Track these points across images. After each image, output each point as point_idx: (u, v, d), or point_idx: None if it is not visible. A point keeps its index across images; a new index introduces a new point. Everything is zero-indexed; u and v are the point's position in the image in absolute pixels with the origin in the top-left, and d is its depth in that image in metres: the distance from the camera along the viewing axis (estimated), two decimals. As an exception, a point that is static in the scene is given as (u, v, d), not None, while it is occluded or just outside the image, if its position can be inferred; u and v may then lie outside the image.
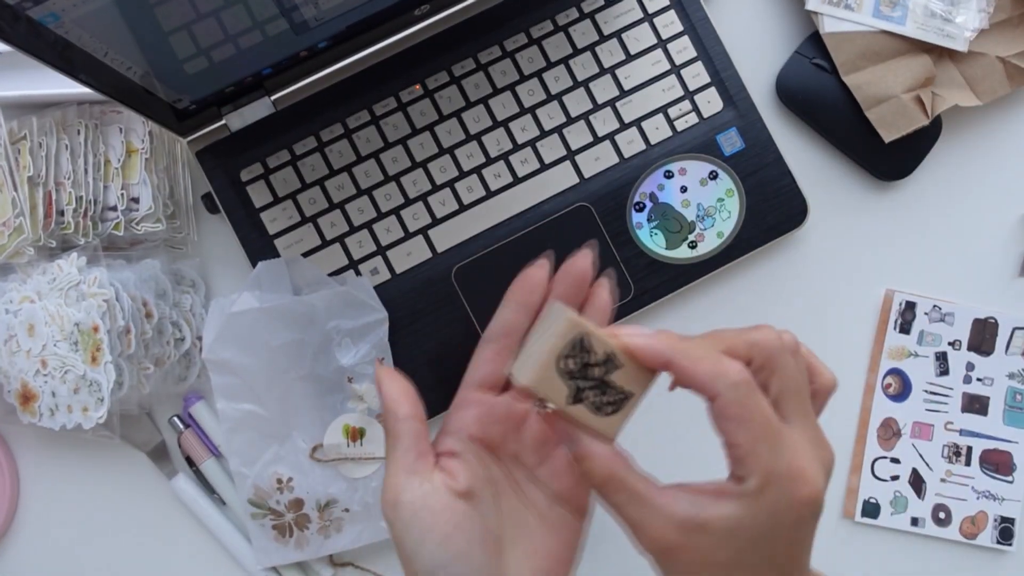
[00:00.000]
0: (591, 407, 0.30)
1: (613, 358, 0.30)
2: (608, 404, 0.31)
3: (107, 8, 0.35)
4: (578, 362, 0.30)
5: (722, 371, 0.28)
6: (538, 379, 0.30)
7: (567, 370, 0.30)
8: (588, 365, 0.30)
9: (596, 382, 0.30)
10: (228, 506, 0.51)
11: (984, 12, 0.51)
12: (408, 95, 0.51)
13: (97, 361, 0.45)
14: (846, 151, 0.53)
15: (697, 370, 0.28)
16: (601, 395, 0.30)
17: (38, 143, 0.48)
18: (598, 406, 0.31)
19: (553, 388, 0.30)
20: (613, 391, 0.30)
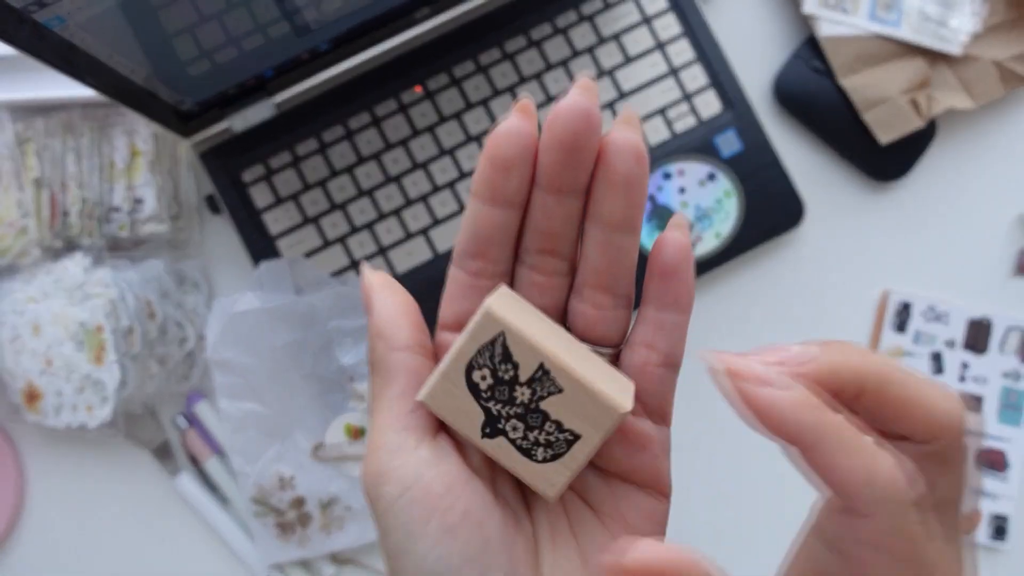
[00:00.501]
0: (515, 447, 0.21)
1: (546, 378, 0.21)
2: (540, 446, 0.21)
3: (112, 12, 0.35)
4: (493, 376, 0.21)
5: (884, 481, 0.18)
6: (436, 396, 0.21)
7: (477, 387, 0.21)
8: (509, 383, 0.21)
9: (522, 410, 0.21)
10: (231, 504, 0.51)
11: (978, 16, 0.52)
12: (409, 97, 0.51)
13: (101, 360, 0.45)
14: (843, 153, 0.53)
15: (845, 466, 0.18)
16: (528, 430, 0.21)
17: (44, 145, 0.48)
18: (526, 447, 0.21)
19: (460, 411, 0.21)
20: (549, 426, 0.21)
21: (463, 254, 0.22)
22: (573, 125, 0.20)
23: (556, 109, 0.20)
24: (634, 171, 0.21)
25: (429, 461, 0.21)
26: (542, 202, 0.21)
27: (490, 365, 0.21)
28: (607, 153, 0.21)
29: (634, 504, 0.22)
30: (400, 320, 0.22)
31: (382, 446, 0.21)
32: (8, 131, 0.48)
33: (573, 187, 0.21)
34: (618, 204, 0.21)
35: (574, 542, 0.22)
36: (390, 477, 0.21)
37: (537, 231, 0.22)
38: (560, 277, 0.23)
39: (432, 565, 0.20)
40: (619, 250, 0.22)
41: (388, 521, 0.21)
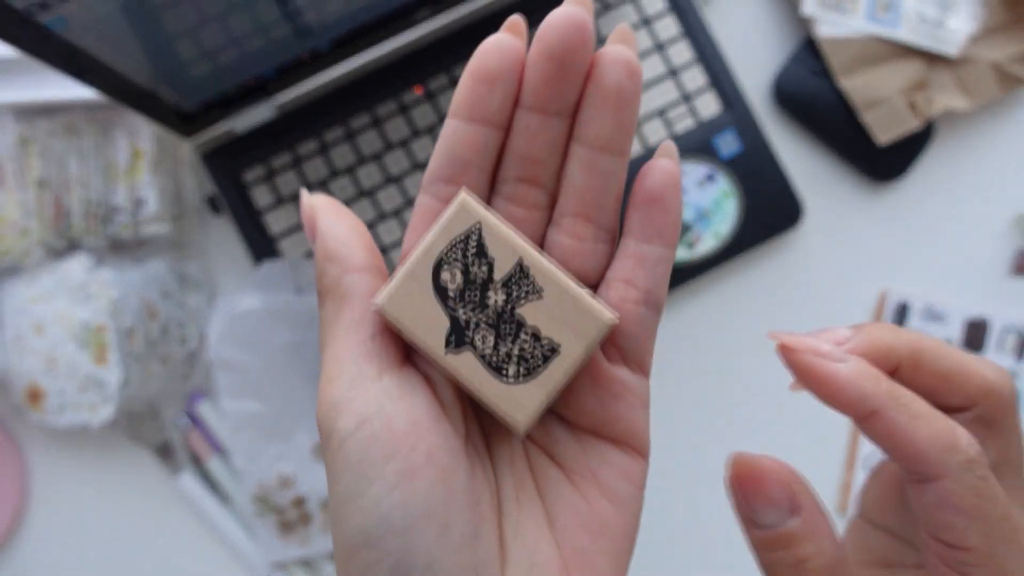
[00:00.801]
0: (484, 362, 0.18)
1: (525, 278, 0.18)
2: (512, 361, 0.18)
3: (114, 13, 0.35)
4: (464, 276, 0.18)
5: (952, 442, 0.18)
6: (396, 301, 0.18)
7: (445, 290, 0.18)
8: (482, 285, 0.18)
9: (494, 317, 0.18)
10: (232, 503, 0.52)
11: (976, 17, 0.52)
12: (409, 97, 0.51)
13: (104, 360, 0.46)
14: (841, 153, 0.54)
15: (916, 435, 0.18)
16: (500, 341, 0.18)
17: (46, 146, 0.48)
18: (496, 363, 0.18)
19: (422, 320, 0.18)
20: (525, 336, 0.18)
21: (435, 178, 0.20)
22: (565, 36, 0.19)
23: (548, 19, 0.19)
24: (626, 86, 0.19)
25: (392, 393, 0.18)
26: (525, 123, 0.20)
27: (462, 262, 0.18)
28: (598, 66, 0.19)
29: (608, 461, 0.20)
30: (352, 241, 0.20)
31: (338, 376, 0.18)
32: (11, 132, 0.48)
33: (560, 106, 0.19)
34: (606, 122, 0.19)
35: (540, 503, 0.20)
36: (346, 409, 0.18)
37: (518, 156, 0.20)
38: (539, 211, 0.21)
39: (386, 512, 0.17)
40: (605, 174, 0.20)
41: (340, 460, 0.18)
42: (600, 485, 0.20)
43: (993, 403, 0.20)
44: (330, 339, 0.19)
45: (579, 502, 0.20)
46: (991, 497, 0.19)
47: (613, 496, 0.20)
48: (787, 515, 0.18)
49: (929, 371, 0.20)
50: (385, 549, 0.17)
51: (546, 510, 0.20)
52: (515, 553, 0.19)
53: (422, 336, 0.18)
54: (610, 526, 0.20)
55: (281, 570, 0.50)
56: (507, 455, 0.21)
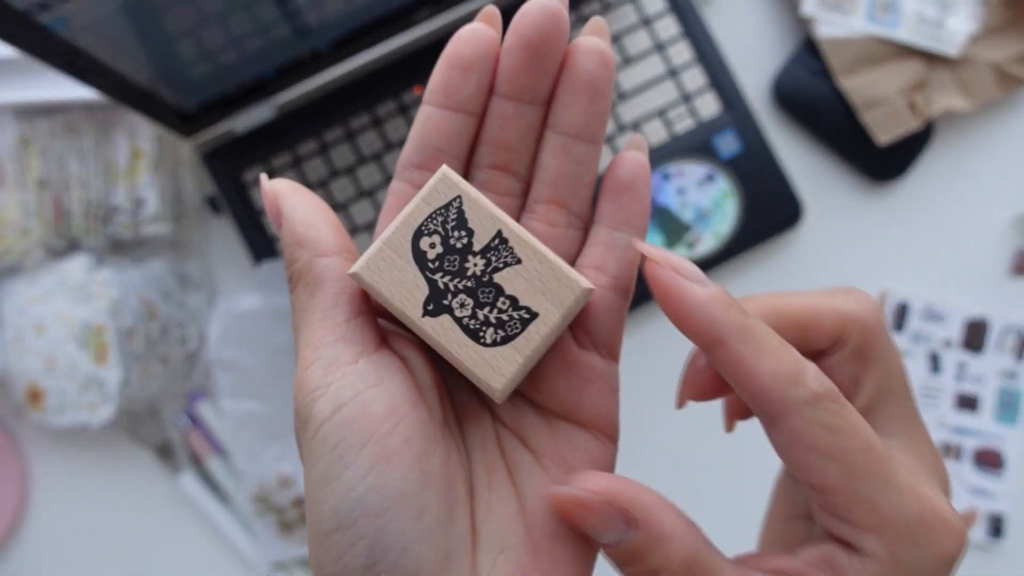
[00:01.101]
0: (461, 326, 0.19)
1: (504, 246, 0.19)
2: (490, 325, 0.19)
3: (114, 14, 0.35)
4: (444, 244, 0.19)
5: (795, 376, 0.17)
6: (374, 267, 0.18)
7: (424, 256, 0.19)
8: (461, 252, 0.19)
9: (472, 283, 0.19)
10: (232, 503, 0.52)
11: (975, 17, 0.52)
12: (409, 97, 0.51)
13: (104, 360, 0.46)
14: (841, 153, 0.54)
15: (759, 369, 0.17)
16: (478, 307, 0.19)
17: (46, 146, 0.48)
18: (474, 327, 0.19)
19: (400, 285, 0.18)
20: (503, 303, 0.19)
21: (409, 164, 0.20)
22: (541, 24, 0.19)
23: (524, 8, 0.19)
24: (600, 74, 0.19)
25: (368, 378, 0.18)
26: (500, 110, 0.20)
27: (442, 231, 0.19)
28: (572, 55, 0.20)
29: (577, 446, 0.20)
30: (320, 224, 0.20)
31: (314, 361, 0.18)
32: (11, 132, 0.48)
33: (534, 94, 0.20)
34: (580, 110, 0.20)
35: (511, 486, 0.20)
36: (322, 394, 0.18)
37: (492, 144, 0.20)
38: (512, 198, 0.21)
39: (361, 495, 0.17)
40: (578, 161, 0.20)
41: (316, 445, 0.18)
42: (570, 469, 0.20)
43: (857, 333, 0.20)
44: (304, 325, 0.19)
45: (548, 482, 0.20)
46: (847, 431, 0.18)
47: None
48: (625, 530, 0.18)
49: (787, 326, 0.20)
50: (359, 532, 0.17)
51: (517, 493, 0.20)
52: (486, 536, 0.19)
53: (399, 301, 0.18)
54: None
55: (281, 570, 0.50)
56: (479, 439, 0.21)
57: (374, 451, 0.17)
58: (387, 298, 0.19)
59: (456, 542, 0.18)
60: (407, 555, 0.17)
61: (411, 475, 0.18)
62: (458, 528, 0.18)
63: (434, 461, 0.18)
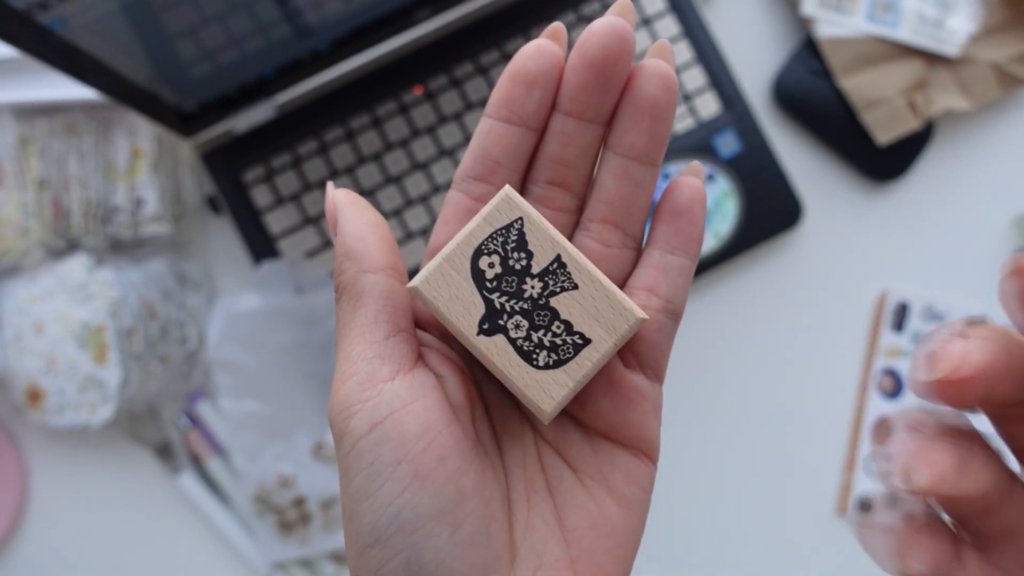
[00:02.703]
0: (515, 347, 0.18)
1: (562, 271, 0.19)
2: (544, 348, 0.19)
3: (114, 14, 0.35)
4: (503, 264, 0.19)
5: None
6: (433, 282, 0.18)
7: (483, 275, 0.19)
8: (519, 274, 0.19)
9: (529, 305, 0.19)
10: (232, 503, 0.52)
11: (976, 17, 0.52)
12: (409, 98, 0.51)
13: (104, 360, 0.46)
14: (841, 153, 0.54)
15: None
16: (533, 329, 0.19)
17: (46, 146, 0.48)
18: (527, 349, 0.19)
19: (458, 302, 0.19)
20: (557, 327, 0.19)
21: (467, 176, 0.21)
22: (607, 44, 0.19)
23: (591, 27, 0.19)
24: (663, 98, 0.19)
25: (404, 396, 0.19)
26: (561, 127, 0.20)
27: (501, 252, 0.19)
28: (637, 78, 0.20)
29: (618, 465, 0.21)
30: (371, 239, 0.20)
31: (352, 376, 0.19)
32: (11, 132, 0.48)
33: (597, 113, 0.20)
34: (642, 133, 0.20)
35: (551, 502, 0.20)
36: (359, 410, 0.18)
37: (551, 159, 0.21)
38: (567, 214, 0.21)
39: (397, 512, 0.18)
40: (636, 183, 0.20)
41: (352, 460, 0.18)
42: (610, 488, 0.20)
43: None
44: (344, 338, 0.20)
45: (589, 503, 0.20)
46: None
47: (621, 499, 0.20)
48: None
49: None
50: (395, 547, 0.18)
51: (556, 510, 0.20)
52: (524, 552, 0.19)
53: (456, 318, 0.19)
54: (618, 528, 0.20)
55: (281, 570, 0.50)
56: (519, 456, 0.21)
57: (409, 469, 0.18)
58: (443, 314, 0.19)
59: (492, 557, 0.18)
60: (443, 569, 0.18)
61: (446, 492, 0.18)
62: (495, 544, 0.19)
63: (469, 479, 0.18)
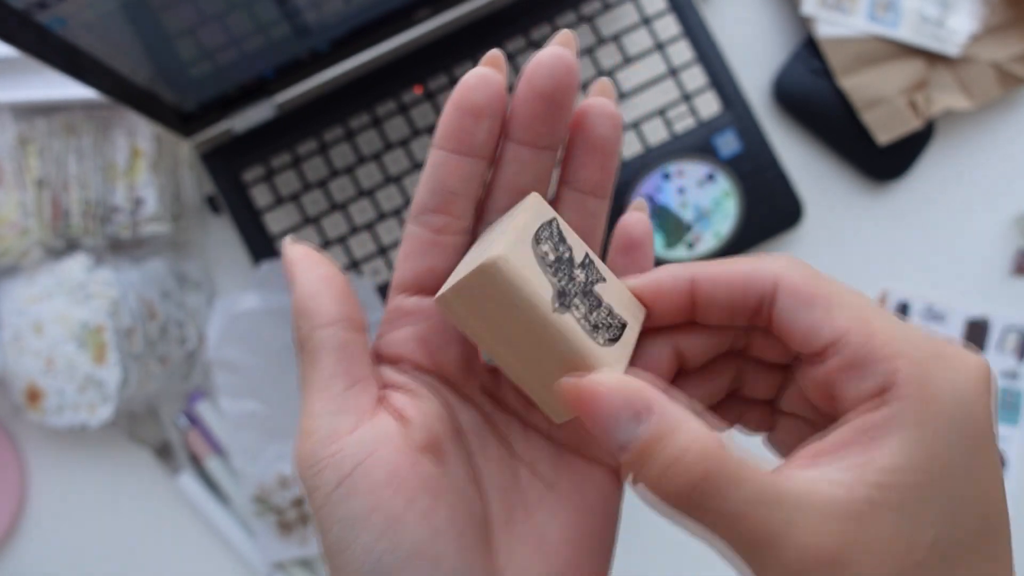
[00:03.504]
0: (585, 325, 0.19)
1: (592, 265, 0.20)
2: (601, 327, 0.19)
3: (113, 13, 0.35)
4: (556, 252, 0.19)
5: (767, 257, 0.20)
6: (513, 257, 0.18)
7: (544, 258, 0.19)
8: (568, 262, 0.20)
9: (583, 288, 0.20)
10: (232, 503, 0.51)
11: (976, 17, 0.52)
12: (409, 97, 0.51)
13: (103, 360, 0.46)
14: (841, 153, 0.54)
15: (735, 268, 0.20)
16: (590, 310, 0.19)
17: (45, 146, 0.48)
18: (594, 325, 0.19)
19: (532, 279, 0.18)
20: (604, 310, 0.20)
21: (423, 209, 0.21)
22: (555, 75, 0.19)
23: (537, 59, 0.19)
24: (612, 136, 0.21)
25: (368, 445, 0.19)
26: (515, 156, 0.21)
27: (551, 241, 0.20)
28: (587, 117, 0.21)
29: (591, 479, 0.22)
30: (323, 294, 0.21)
31: (315, 432, 0.19)
32: (10, 132, 0.48)
33: (549, 141, 0.21)
34: (595, 169, 0.21)
35: (530, 521, 0.21)
36: (326, 466, 0.19)
37: (508, 189, 0.21)
38: None
39: (377, 558, 0.18)
40: (592, 215, 0.22)
41: (326, 514, 0.19)
42: (585, 501, 0.21)
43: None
44: (305, 393, 0.20)
45: (566, 519, 0.21)
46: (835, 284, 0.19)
47: (596, 511, 0.21)
48: (636, 425, 0.17)
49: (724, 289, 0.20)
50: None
51: (536, 528, 0.21)
52: (510, 572, 0.20)
53: (532, 293, 0.18)
54: (595, 538, 0.21)
55: (280, 570, 0.50)
56: (496, 477, 0.21)
57: (381, 516, 0.18)
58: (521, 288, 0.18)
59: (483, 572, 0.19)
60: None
61: (420, 532, 0.18)
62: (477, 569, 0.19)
63: (441, 513, 0.19)
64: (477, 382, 0.23)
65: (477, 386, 0.22)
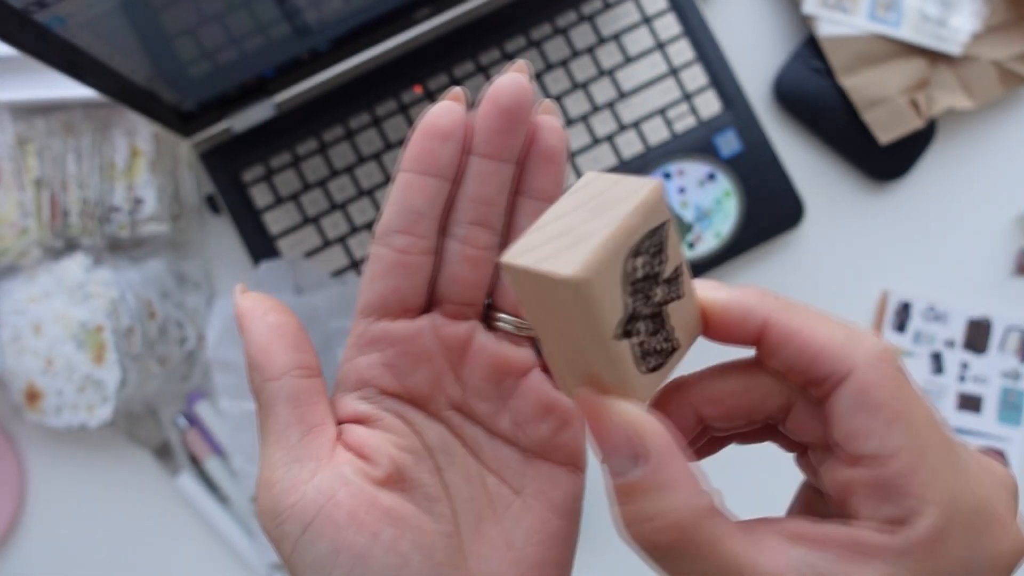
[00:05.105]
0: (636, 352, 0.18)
1: (678, 280, 0.18)
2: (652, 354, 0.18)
3: (112, 12, 0.35)
4: (646, 269, 0.18)
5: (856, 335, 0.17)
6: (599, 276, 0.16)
7: (630, 276, 0.17)
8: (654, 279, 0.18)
9: (654, 311, 0.18)
10: (231, 503, 0.51)
11: (978, 16, 0.52)
12: (409, 97, 0.51)
13: (102, 360, 0.46)
14: (842, 152, 0.53)
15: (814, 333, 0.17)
16: (650, 335, 0.18)
17: (44, 145, 0.48)
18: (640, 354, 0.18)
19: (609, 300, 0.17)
20: (664, 334, 0.18)
21: (388, 231, 0.22)
22: (515, 93, 0.21)
23: (497, 83, 0.21)
24: (560, 147, 0.22)
25: (326, 490, 0.20)
26: (479, 169, 0.22)
27: (648, 254, 0.18)
28: (539, 132, 0.22)
29: (555, 482, 0.23)
30: (272, 346, 0.21)
31: (275, 483, 0.20)
32: (9, 131, 0.48)
33: (510, 153, 0.22)
34: (549, 178, 0.22)
35: (499, 526, 0.22)
36: (288, 516, 0.20)
37: (471, 200, 0.22)
38: (490, 251, 0.22)
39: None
40: None
41: (296, 561, 0.20)
42: (550, 503, 0.22)
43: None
44: (263, 444, 0.21)
45: (532, 520, 0.22)
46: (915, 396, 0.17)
47: (560, 511, 0.23)
48: (631, 465, 0.17)
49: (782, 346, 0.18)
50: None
51: (504, 533, 0.22)
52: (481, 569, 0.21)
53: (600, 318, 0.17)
54: (559, 537, 0.22)
55: (279, 571, 0.50)
56: (466, 489, 0.22)
57: (348, 555, 0.19)
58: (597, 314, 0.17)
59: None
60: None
61: (389, 561, 0.20)
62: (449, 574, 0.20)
63: (406, 541, 0.20)
64: (445, 397, 0.23)
65: (445, 401, 0.23)
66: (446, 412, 0.23)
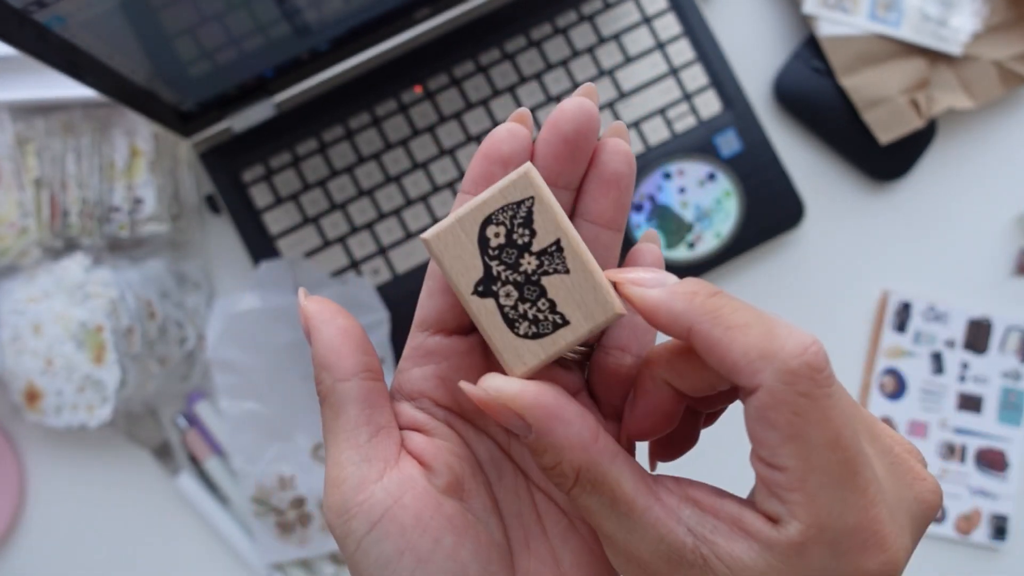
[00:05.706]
0: (502, 313, 0.20)
1: (558, 254, 0.20)
2: (527, 320, 0.20)
3: (112, 12, 0.35)
4: (507, 237, 0.20)
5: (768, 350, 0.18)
6: (442, 239, 0.20)
7: (487, 242, 0.20)
8: (519, 249, 0.20)
9: (522, 279, 0.20)
10: (231, 504, 0.51)
11: (978, 16, 0.52)
12: (409, 97, 0.51)
13: (102, 360, 0.46)
14: (842, 152, 0.53)
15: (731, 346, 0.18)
16: (521, 301, 0.20)
17: (44, 145, 0.48)
18: (512, 317, 0.20)
19: (460, 261, 0.20)
20: (542, 304, 0.20)
21: None
22: (578, 120, 0.21)
23: (562, 106, 0.21)
24: (625, 173, 0.22)
25: (394, 492, 0.21)
26: None
27: (508, 225, 0.20)
28: (602, 154, 0.22)
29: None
30: (343, 347, 0.22)
31: (343, 481, 0.21)
32: (8, 131, 0.48)
33: (569, 180, 0.22)
34: (609, 203, 0.22)
35: (547, 544, 0.23)
36: (356, 513, 0.20)
37: None
38: None
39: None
40: (605, 247, 0.23)
41: (360, 558, 0.20)
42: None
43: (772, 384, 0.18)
44: (331, 444, 0.22)
45: (580, 542, 0.23)
46: (816, 418, 0.17)
47: None
48: (527, 429, 0.19)
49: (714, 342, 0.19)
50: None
51: (553, 552, 0.23)
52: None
53: (455, 275, 0.20)
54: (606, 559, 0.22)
55: (280, 571, 0.50)
56: (515, 505, 0.23)
57: (412, 557, 0.20)
58: (446, 269, 0.20)
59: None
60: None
61: (448, 567, 0.20)
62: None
63: (466, 549, 0.21)
64: None
65: None
66: (494, 428, 0.24)
